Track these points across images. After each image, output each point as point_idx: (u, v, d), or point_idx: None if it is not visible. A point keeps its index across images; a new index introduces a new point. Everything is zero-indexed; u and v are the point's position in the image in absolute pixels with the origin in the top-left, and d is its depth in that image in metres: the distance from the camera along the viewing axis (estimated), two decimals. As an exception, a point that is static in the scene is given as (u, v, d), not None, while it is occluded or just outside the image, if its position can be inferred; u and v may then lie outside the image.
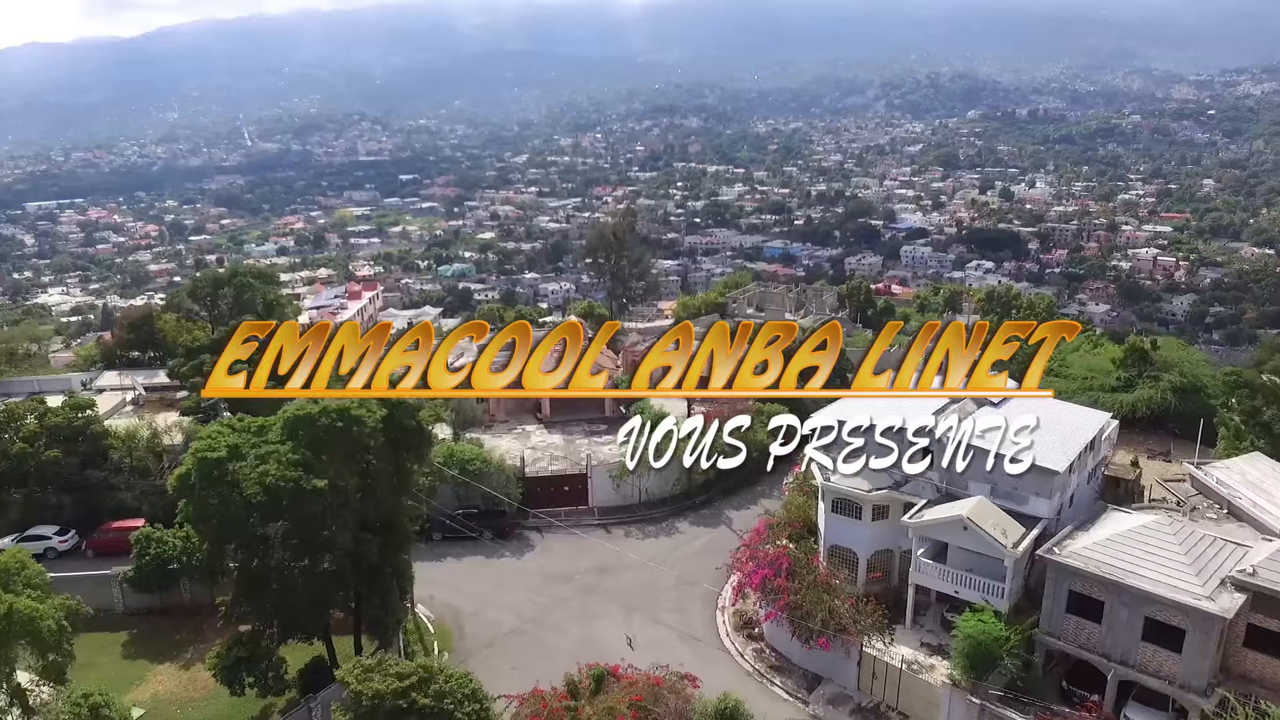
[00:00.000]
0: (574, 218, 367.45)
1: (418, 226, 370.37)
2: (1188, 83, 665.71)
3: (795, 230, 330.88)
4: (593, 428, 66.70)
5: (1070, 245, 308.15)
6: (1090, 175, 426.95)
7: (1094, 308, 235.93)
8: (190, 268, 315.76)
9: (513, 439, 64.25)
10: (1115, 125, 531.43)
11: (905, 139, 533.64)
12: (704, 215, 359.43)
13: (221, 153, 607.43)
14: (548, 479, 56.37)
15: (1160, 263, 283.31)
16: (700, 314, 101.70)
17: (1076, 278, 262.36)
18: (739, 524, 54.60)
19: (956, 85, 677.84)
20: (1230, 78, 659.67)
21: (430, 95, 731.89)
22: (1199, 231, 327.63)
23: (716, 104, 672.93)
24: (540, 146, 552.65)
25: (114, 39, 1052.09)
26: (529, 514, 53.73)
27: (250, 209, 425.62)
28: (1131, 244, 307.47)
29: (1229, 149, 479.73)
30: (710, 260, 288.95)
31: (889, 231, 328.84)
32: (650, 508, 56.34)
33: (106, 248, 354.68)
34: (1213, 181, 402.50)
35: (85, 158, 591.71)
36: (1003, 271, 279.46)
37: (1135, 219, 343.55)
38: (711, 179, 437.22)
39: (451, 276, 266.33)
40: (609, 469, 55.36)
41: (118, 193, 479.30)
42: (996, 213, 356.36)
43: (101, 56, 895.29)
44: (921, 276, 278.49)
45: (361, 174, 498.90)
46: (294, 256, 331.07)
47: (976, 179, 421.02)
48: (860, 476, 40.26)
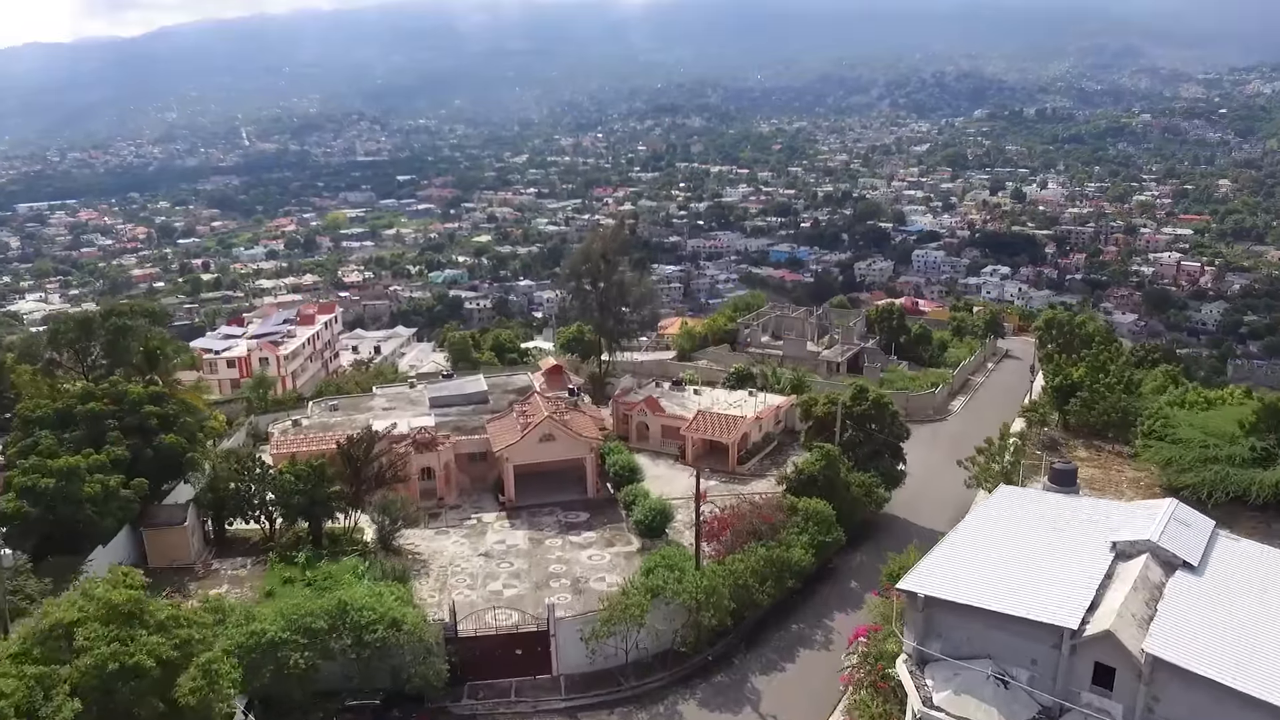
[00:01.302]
0: (573, 220, 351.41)
1: (412, 229, 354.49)
2: (1196, 81, 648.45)
3: (802, 233, 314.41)
4: (569, 516, 50.61)
5: (1088, 249, 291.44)
6: (1103, 175, 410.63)
7: (1120, 317, 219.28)
8: (174, 272, 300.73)
9: (462, 538, 47.98)
10: (1125, 124, 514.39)
11: (911, 138, 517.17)
12: (707, 217, 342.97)
13: (219, 153, 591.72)
14: (491, 639, 37.66)
15: (1184, 268, 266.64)
16: (706, 344, 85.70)
17: (1099, 285, 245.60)
18: (771, 700, 37.11)
19: (962, 84, 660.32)
20: (1239, 76, 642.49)
21: (430, 95, 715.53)
22: (1220, 234, 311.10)
23: (719, 103, 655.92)
24: (540, 146, 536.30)
25: (115, 39, 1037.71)
26: (462, 691, 36.23)
27: (243, 210, 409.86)
28: (1152, 247, 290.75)
29: (1242, 148, 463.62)
30: (714, 266, 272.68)
31: (899, 234, 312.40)
32: (641, 675, 37.45)
33: (92, 251, 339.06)
34: (1229, 182, 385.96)
35: (81, 158, 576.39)
36: (1020, 278, 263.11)
37: (1153, 221, 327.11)
38: (714, 179, 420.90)
39: (442, 283, 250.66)
40: (580, 625, 37.46)
41: (112, 193, 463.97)
42: (1009, 215, 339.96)
43: (102, 56, 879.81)
44: (935, 282, 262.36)
45: (359, 174, 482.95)
46: (283, 260, 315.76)
47: (986, 179, 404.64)
48: (981, 704, 23.88)
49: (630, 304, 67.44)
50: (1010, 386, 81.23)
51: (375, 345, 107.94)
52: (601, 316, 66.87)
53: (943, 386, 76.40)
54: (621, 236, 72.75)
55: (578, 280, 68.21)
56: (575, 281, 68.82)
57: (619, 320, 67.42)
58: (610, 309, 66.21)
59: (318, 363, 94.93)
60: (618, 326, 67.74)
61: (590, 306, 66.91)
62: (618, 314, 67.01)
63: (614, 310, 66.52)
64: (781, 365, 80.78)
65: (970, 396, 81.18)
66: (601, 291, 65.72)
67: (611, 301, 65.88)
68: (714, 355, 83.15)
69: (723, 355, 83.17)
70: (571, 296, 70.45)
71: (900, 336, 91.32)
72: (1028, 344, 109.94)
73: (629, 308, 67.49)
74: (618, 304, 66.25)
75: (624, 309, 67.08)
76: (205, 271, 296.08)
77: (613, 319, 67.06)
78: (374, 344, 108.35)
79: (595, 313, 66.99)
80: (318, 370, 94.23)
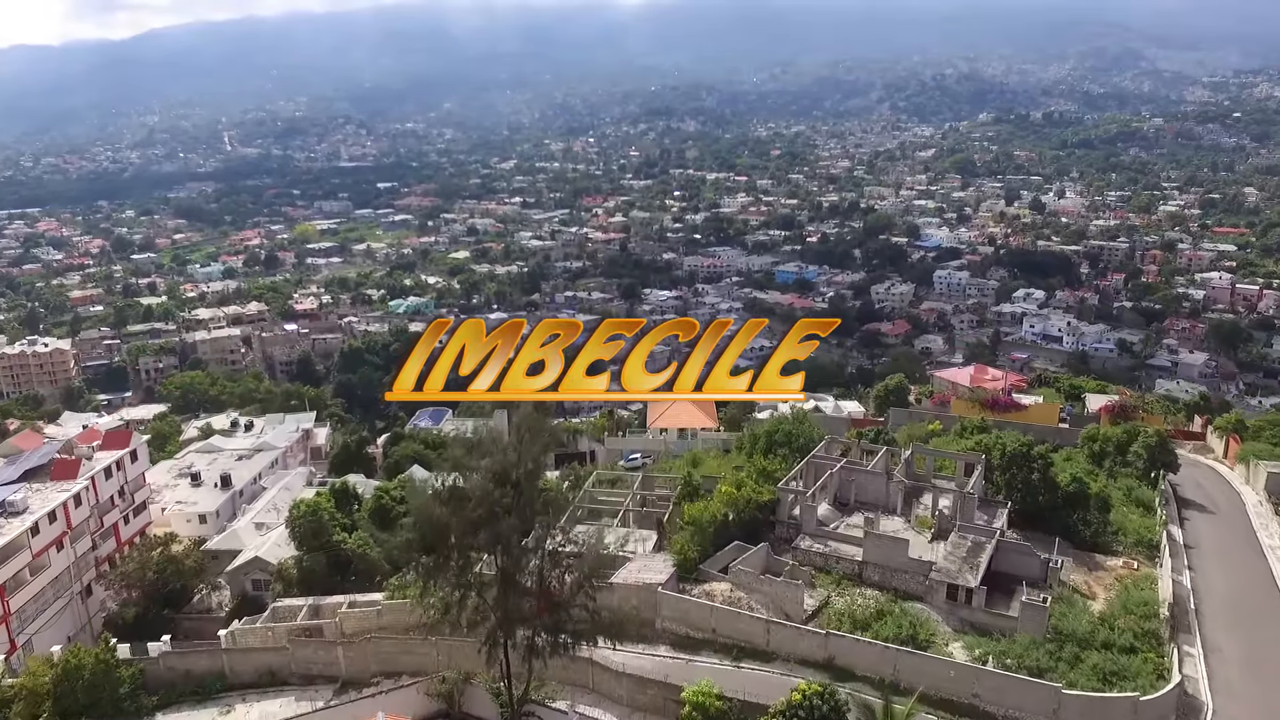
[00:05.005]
0: (559, 233, 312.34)
1: (385, 243, 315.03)
2: (1201, 85, 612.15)
3: (809, 249, 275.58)
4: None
5: (1126, 268, 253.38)
6: (1121, 183, 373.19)
7: (1188, 356, 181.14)
8: (118, 294, 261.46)
9: None
10: (1136, 129, 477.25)
11: (915, 143, 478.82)
12: (704, 230, 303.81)
13: (198, 158, 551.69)
14: None
15: (1239, 290, 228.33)
16: (727, 535, 47.37)
17: (1152, 314, 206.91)
18: None
19: (963, 87, 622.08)
20: (1246, 79, 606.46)
21: (420, 98, 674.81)
22: (1265, 250, 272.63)
23: (715, 106, 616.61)
24: (529, 152, 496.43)
25: (103, 41, 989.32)
26: None
27: (211, 221, 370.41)
28: (1195, 266, 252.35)
29: (1259, 154, 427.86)
30: (714, 290, 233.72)
31: (915, 250, 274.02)
32: None
33: (34, 268, 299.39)
34: (1254, 190, 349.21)
35: (55, 163, 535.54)
36: (1057, 303, 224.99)
37: (1188, 235, 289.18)
38: (711, 187, 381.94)
39: (404, 314, 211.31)
40: None
41: (80, 201, 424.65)
42: (1031, 227, 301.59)
43: (89, 59, 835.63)
44: (962, 310, 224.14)
45: (338, 181, 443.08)
46: (241, 278, 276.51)
47: (999, 187, 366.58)
48: None
49: (573, 577, 28.81)
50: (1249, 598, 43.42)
51: (223, 475, 68.51)
52: (504, 607, 27.61)
53: (1164, 690, 37.39)
54: (545, 435, 32.54)
55: (437, 554, 28.09)
56: (433, 559, 28.30)
57: (547, 643, 28.21)
58: (519, 589, 27.58)
59: (83, 542, 56.28)
60: (545, 633, 28.64)
61: (469, 600, 27.60)
62: (543, 600, 27.98)
63: (532, 593, 27.62)
64: (863, 589, 42.72)
65: (1210, 653, 42.59)
66: (513, 558, 27.17)
67: (525, 575, 27.26)
68: (740, 575, 44.87)
69: (750, 572, 44.58)
70: (429, 578, 30.33)
71: (1041, 494, 53.02)
72: (1202, 462, 72.29)
73: (570, 582, 28.71)
74: (543, 577, 27.63)
75: (560, 581, 28.26)
76: (151, 294, 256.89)
77: (528, 651, 27.76)
78: (223, 473, 68.81)
79: (489, 636, 27.92)
80: (79, 560, 55.33)
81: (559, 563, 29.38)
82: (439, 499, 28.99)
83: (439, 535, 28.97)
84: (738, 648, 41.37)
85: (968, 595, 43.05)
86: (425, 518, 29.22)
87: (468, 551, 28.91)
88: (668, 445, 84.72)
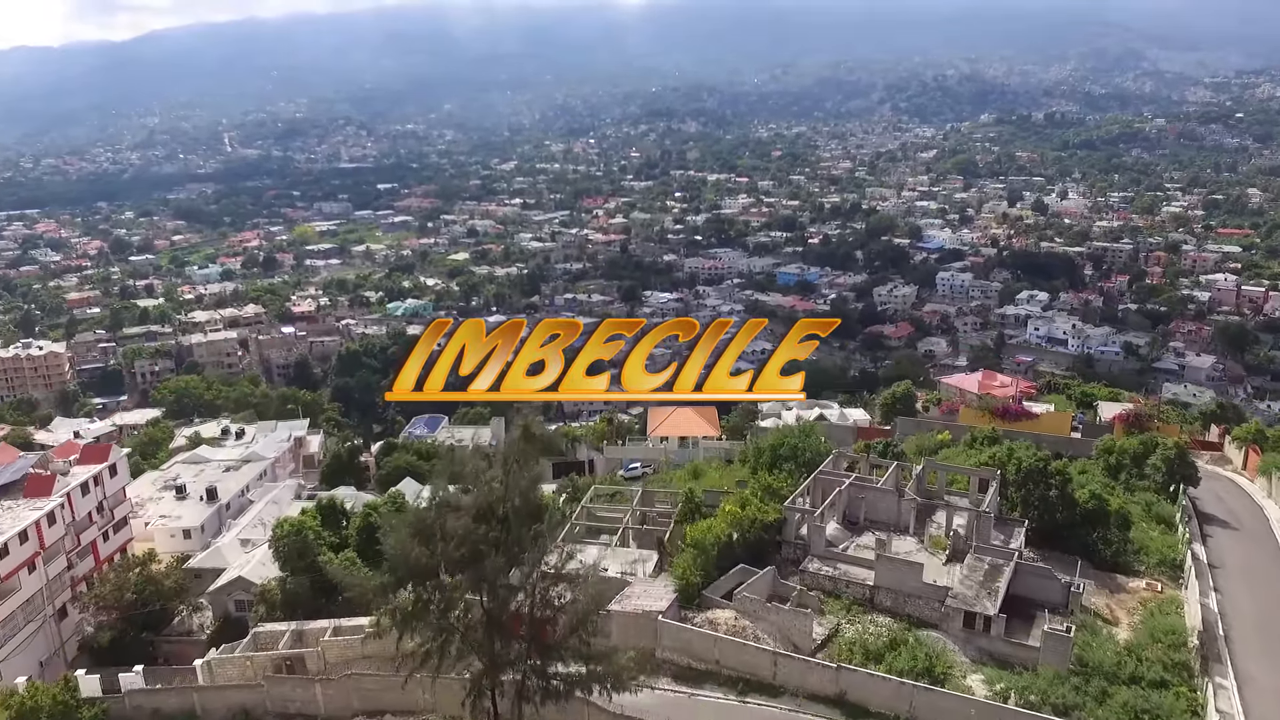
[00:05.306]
0: (559, 235, 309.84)
1: (384, 245, 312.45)
2: (1203, 85, 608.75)
3: (810, 250, 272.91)
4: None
5: (1130, 270, 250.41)
6: (1123, 184, 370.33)
7: (1195, 359, 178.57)
8: (115, 296, 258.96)
9: None
10: (1138, 129, 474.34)
11: (916, 144, 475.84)
12: (705, 231, 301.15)
13: (199, 159, 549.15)
14: None
15: (1245, 293, 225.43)
16: (731, 558, 44.86)
17: (1158, 316, 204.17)
18: None
19: (964, 87, 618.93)
20: (1248, 80, 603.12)
21: (420, 99, 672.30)
22: (1270, 251, 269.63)
23: (715, 107, 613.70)
24: (530, 153, 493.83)
25: (105, 42, 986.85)
26: None
27: (210, 222, 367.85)
28: (1199, 268, 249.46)
29: (1262, 154, 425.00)
30: (715, 292, 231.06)
31: (917, 252, 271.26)
32: None
33: (32, 269, 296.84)
34: (1258, 191, 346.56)
35: (54, 164, 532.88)
36: (1061, 305, 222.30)
37: (1192, 236, 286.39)
38: (712, 188, 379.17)
39: (402, 316, 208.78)
40: None
41: (80, 202, 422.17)
42: (1034, 229, 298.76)
43: (90, 61, 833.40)
44: (966, 312, 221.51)
45: (338, 182, 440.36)
46: (239, 280, 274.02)
47: (1002, 188, 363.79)
48: None
49: (565, 618, 26.02)
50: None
51: (209, 488, 65.87)
52: (490, 653, 24.69)
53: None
54: (535, 465, 29.72)
55: (423, 590, 25.21)
56: (418, 593, 25.31)
57: (541, 655, 25.29)
58: (507, 632, 24.76)
59: (57, 562, 53.53)
60: (535, 677, 25.78)
61: (451, 645, 24.61)
62: (534, 643, 25.00)
63: (522, 636, 24.64)
64: (874, 616, 40.17)
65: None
66: (499, 599, 24.42)
67: (512, 616, 24.46)
68: (745, 602, 42.28)
69: (755, 599, 41.94)
70: (406, 626, 27.14)
71: (1059, 511, 50.45)
72: (1221, 474, 69.13)
73: (562, 624, 25.90)
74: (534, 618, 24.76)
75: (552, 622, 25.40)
76: (148, 296, 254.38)
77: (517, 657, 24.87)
78: (209, 485, 66.04)
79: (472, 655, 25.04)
80: (53, 581, 52.63)
81: (550, 604, 26.79)
82: (417, 535, 26.37)
83: (417, 577, 26.39)
84: (743, 681, 38.79)
85: (986, 623, 40.48)
86: (402, 559, 26.59)
87: (450, 593, 26.32)
88: (668, 455, 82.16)
